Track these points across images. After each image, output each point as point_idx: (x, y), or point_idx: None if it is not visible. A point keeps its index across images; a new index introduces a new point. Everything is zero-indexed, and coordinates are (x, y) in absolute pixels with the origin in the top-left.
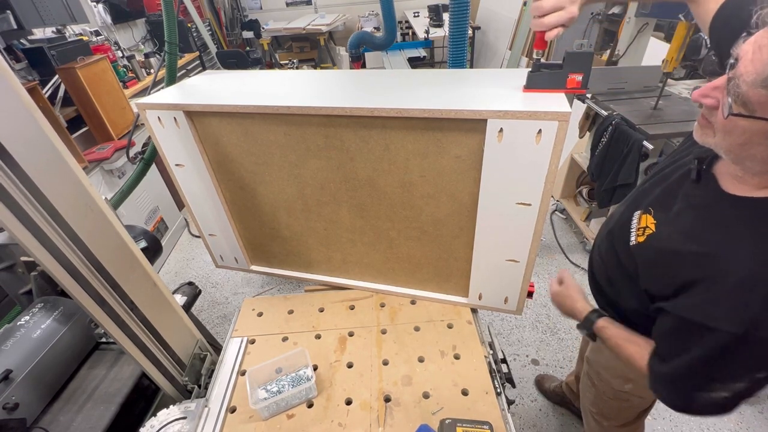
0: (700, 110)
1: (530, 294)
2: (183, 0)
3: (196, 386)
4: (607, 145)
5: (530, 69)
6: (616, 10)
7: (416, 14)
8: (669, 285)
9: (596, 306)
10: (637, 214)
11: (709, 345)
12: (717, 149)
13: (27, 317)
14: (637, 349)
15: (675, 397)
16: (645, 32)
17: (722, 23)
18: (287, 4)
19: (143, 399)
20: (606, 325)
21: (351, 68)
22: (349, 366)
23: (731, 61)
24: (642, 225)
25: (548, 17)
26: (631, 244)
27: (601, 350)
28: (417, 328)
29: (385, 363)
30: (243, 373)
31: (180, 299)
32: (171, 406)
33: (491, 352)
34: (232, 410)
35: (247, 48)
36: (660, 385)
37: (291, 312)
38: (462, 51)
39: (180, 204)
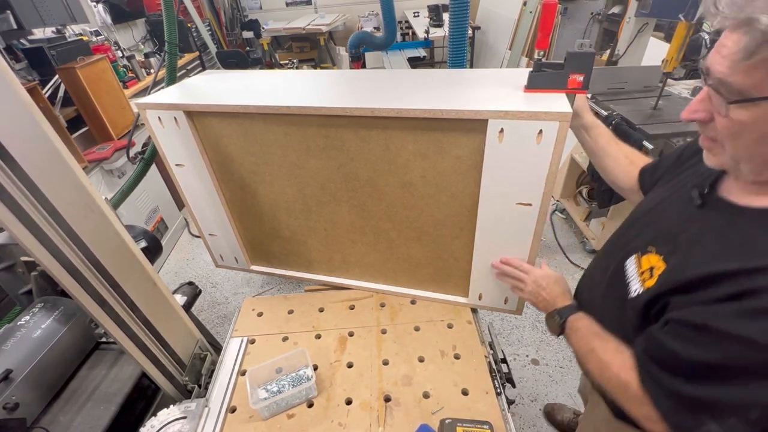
0: (700, 135)
1: None
2: (183, 0)
3: (196, 386)
4: None
5: (532, 69)
6: (615, 9)
7: (416, 14)
8: (698, 301)
9: None
10: (631, 260)
11: (757, 364)
12: (735, 164)
13: (27, 317)
14: (604, 344)
15: (682, 416)
16: (645, 32)
17: (649, 172)
18: (287, 4)
19: (143, 399)
20: (582, 317)
21: (351, 68)
22: (349, 366)
23: (704, 75)
24: (645, 267)
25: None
26: (631, 296)
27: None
28: (417, 328)
29: (385, 363)
30: (243, 373)
31: (180, 299)
32: (171, 406)
33: (491, 352)
34: (233, 410)
35: (247, 48)
36: (672, 403)
37: (291, 312)
38: (462, 51)
39: (180, 204)
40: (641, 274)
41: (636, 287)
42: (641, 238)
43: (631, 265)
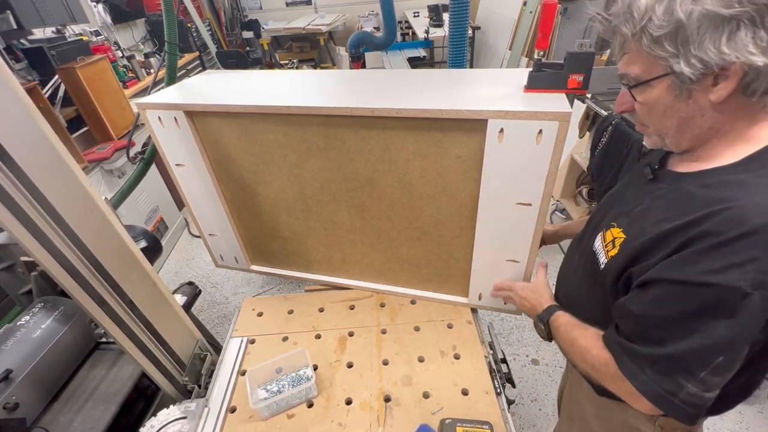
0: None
1: None
2: (183, 0)
3: (196, 386)
4: (607, 145)
5: (531, 69)
6: None
7: (416, 14)
8: (654, 263)
9: None
10: (598, 237)
11: (707, 305)
12: (661, 140)
13: (27, 317)
14: (584, 332)
15: (660, 384)
16: None
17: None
18: (287, 4)
19: (143, 399)
20: (562, 314)
21: (351, 68)
22: (349, 366)
23: (619, 77)
24: (608, 240)
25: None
26: (602, 267)
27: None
28: (417, 328)
29: (385, 363)
30: (243, 373)
31: (180, 299)
32: (171, 406)
33: (491, 352)
34: (232, 410)
35: (247, 48)
36: (644, 369)
37: (291, 312)
38: (462, 51)
39: (180, 204)
40: (605, 246)
41: (602, 259)
42: (607, 217)
43: (598, 241)
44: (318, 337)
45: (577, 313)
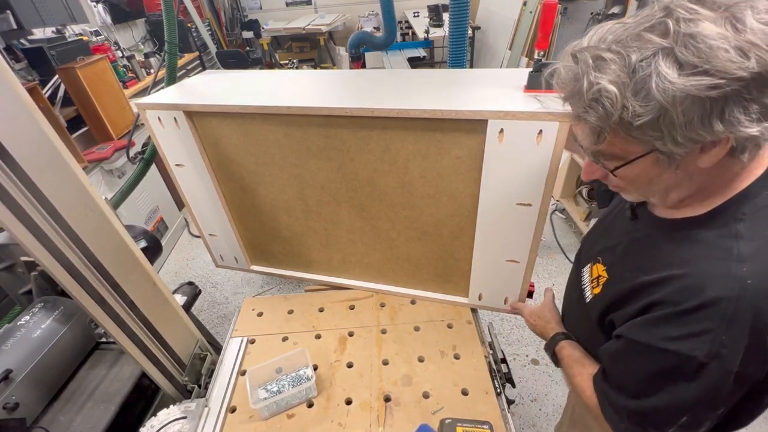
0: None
1: (530, 294)
2: (183, 0)
3: (196, 386)
4: None
5: (531, 69)
6: (615, 10)
7: (416, 14)
8: (627, 316)
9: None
10: (586, 268)
11: (667, 369)
12: (645, 198)
13: (27, 317)
14: (582, 370)
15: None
16: None
17: None
18: (287, 4)
19: (143, 399)
20: (565, 346)
21: (351, 68)
22: (349, 366)
23: (581, 146)
24: (594, 276)
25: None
26: (587, 300)
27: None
28: (417, 328)
29: (385, 363)
30: (243, 373)
31: (180, 299)
32: (171, 406)
33: (491, 352)
34: (232, 410)
35: (247, 48)
36: (622, 418)
37: (291, 312)
38: (462, 51)
39: (180, 204)
40: (591, 281)
41: (588, 294)
42: (595, 248)
43: (586, 273)
44: (318, 337)
45: (577, 334)
